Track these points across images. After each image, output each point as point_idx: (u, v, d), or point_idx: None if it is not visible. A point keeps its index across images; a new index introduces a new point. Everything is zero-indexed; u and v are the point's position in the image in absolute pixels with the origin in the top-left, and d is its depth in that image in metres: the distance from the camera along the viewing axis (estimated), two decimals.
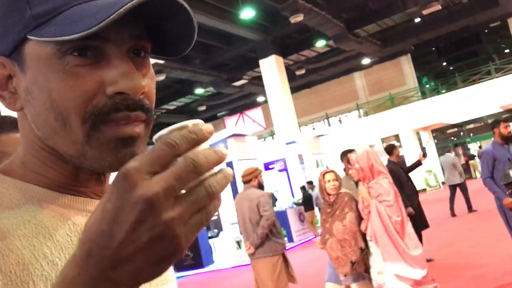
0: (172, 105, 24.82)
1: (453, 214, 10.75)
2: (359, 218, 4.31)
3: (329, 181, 4.35)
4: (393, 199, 4.24)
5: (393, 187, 4.31)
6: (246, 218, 4.78)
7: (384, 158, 6.91)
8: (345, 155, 4.94)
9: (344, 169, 5.49)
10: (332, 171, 4.49)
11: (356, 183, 4.88)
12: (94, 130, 0.53)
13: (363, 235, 4.25)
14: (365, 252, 4.21)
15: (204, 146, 0.43)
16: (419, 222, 6.56)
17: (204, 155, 0.41)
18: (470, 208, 10.80)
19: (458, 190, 10.73)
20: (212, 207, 0.42)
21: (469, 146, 24.65)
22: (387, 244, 4.17)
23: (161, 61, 15.52)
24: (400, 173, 6.58)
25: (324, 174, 4.43)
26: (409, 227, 4.32)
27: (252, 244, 4.68)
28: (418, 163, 7.11)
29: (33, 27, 0.52)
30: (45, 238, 0.52)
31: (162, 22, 0.56)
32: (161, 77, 16.07)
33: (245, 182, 5.04)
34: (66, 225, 0.54)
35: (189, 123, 0.43)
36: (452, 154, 11.51)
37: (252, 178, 4.98)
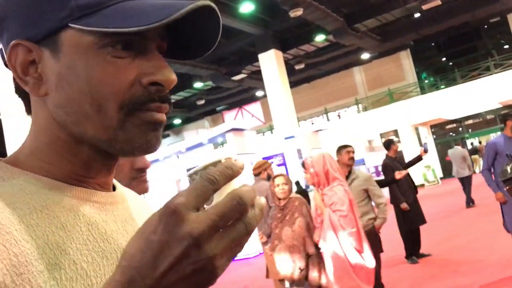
0: (171, 99, 24.78)
1: (473, 204, 10.89)
2: (311, 224, 4.11)
3: (278, 185, 4.21)
4: (347, 209, 3.97)
5: (348, 196, 4.06)
6: None
7: (383, 153, 6.93)
8: (338, 150, 4.89)
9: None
10: (281, 175, 4.34)
11: (346, 180, 4.82)
12: (129, 116, 0.56)
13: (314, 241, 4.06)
14: (311, 258, 4.02)
15: (236, 180, 0.46)
16: (416, 218, 6.58)
17: (248, 194, 0.44)
18: (468, 203, 10.89)
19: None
20: (244, 241, 0.46)
21: (467, 141, 24.64)
22: (338, 256, 3.93)
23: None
24: (396, 168, 6.58)
25: (274, 179, 4.31)
26: (365, 238, 4.08)
27: (264, 233, 4.91)
28: (418, 158, 7.10)
29: (77, 16, 0.55)
30: (57, 228, 0.53)
31: (189, 25, 0.60)
32: None
33: (255, 175, 5.28)
34: (76, 215, 0.56)
35: (222, 158, 0.47)
36: (460, 147, 11.65)
37: (262, 171, 5.22)
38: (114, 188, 0.69)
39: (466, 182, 10.92)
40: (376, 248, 4.75)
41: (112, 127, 0.56)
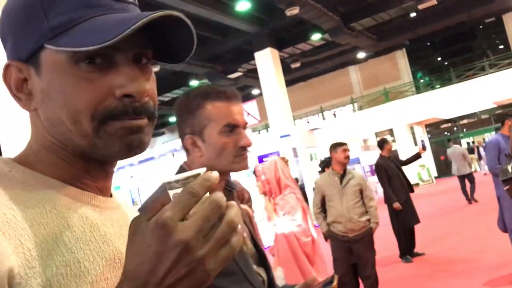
0: (167, 97, 24.71)
1: (470, 201, 11.06)
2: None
3: None
4: (301, 218, 3.79)
5: (301, 204, 3.87)
6: None
7: (378, 152, 6.95)
8: (333, 148, 4.80)
9: (330, 163, 5.26)
10: None
11: (341, 179, 4.69)
12: (102, 125, 0.60)
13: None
14: None
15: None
16: (409, 218, 6.59)
17: (222, 198, 0.50)
18: (472, 197, 11.13)
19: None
20: (235, 241, 0.51)
21: (463, 141, 24.74)
22: (293, 271, 3.70)
23: None
24: (389, 167, 6.60)
25: None
26: (319, 249, 3.86)
27: None
28: (417, 156, 7.12)
29: (50, 37, 0.59)
30: (64, 228, 0.58)
31: (166, 32, 0.63)
32: (156, 69, 15.98)
33: None
34: (80, 217, 0.61)
35: (201, 171, 0.53)
36: (459, 146, 11.84)
37: None
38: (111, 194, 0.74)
39: (469, 179, 11.15)
40: (371, 250, 4.73)
41: (88, 136, 0.61)
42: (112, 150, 0.62)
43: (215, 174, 0.52)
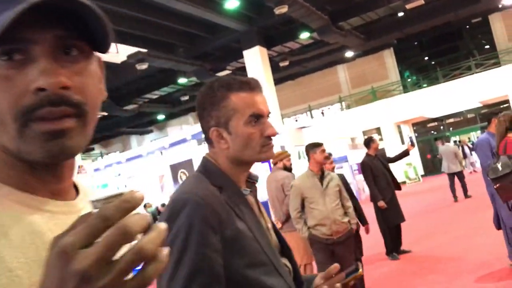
0: (155, 95, 24.56)
1: (457, 199, 11.22)
2: None
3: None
4: None
5: None
6: (274, 197, 5.23)
7: (365, 151, 6.98)
8: (311, 148, 4.69)
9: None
10: None
11: (321, 180, 4.53)
12: (24, 127, 0.57)
13: None
14: None
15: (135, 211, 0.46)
16: (394, 216, 6.65)
17: (135, 222, 0.43)
18: (466, 194, 11.34)
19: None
20: (149, 271, 0.44)
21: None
22: None
23: (144, 50, 15.28)
24: (375, 166, 6.63)
25: None
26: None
27: (279, 220, 5.10)
28: (405, 153, 7.17)
29: None
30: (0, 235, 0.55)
31: (85, 20, 0.59)
32: (144, 66, 15.87)
33: (274, 164, 5.58)
34: (22, 223, 0.58)
35: (125, 190, 0.47)
36: (450, 144, 12.04)
37: (278, 161, 5.42)
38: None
39: (459, 177, 11.36)
40: (352, 251, 4.69)
41: (14, 139, 0.58)
42: (33, 156, 0.59)
43: (138, 195, 0.46)
